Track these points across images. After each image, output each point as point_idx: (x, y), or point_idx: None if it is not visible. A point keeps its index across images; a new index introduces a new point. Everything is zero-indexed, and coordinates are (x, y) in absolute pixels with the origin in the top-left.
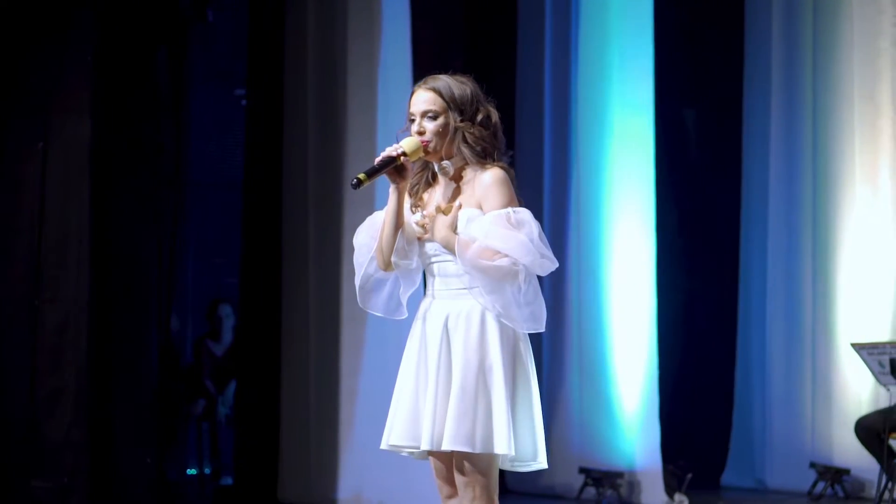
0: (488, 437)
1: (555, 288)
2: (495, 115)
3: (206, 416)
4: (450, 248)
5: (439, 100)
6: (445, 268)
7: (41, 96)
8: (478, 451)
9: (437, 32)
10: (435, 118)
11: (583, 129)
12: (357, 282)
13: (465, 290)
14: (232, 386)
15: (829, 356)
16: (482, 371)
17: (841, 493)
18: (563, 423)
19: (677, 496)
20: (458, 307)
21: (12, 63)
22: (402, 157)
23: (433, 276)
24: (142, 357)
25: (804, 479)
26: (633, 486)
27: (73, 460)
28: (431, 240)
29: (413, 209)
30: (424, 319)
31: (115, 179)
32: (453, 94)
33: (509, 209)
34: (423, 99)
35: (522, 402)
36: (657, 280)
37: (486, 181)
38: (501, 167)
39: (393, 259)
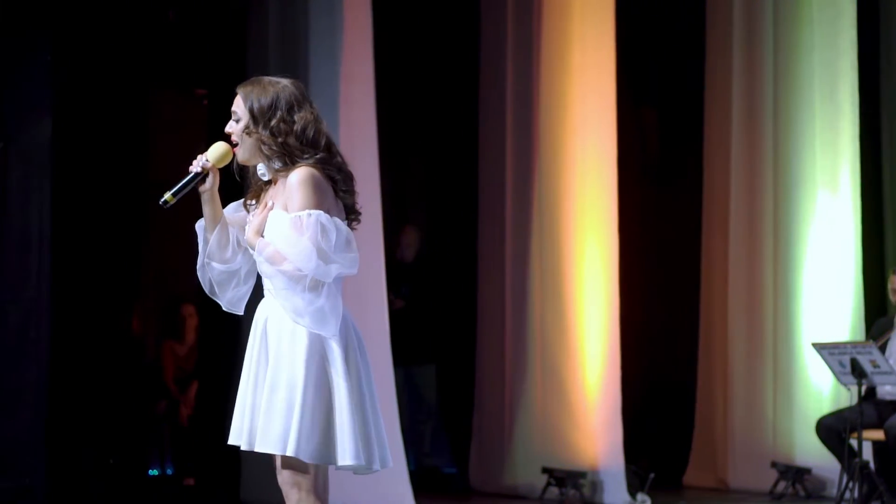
0: (288, 438)
1: (516, 287)
2: (303, 122)
3: (168, 417)
4: (255, 250)
5: (241, 104)
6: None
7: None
8: (289, 453)
9: (398, 26)
10: (238, 121)
11: (545, 125)
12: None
13: (285, 291)
14: (194, 386)
15: (790, 356)
16: (288, 373)
17: (802, 493)
18: (526, 422)
19: (639, 496)
20: (275, 308)
21: None
22: (206, 168)
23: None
24: (104, 357)
25: (766, 479)
26: (596, 485)
27: (34, 461)
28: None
29: (247, 207)
30: (257, 317)
31: (76, 179)
32: (252, 100)
33: (303, 213)
34: (235, 101)
35: (323, 404)
36: (619, 277)
37: (291, 183)
38: (309, 166)
39: (206, 260)
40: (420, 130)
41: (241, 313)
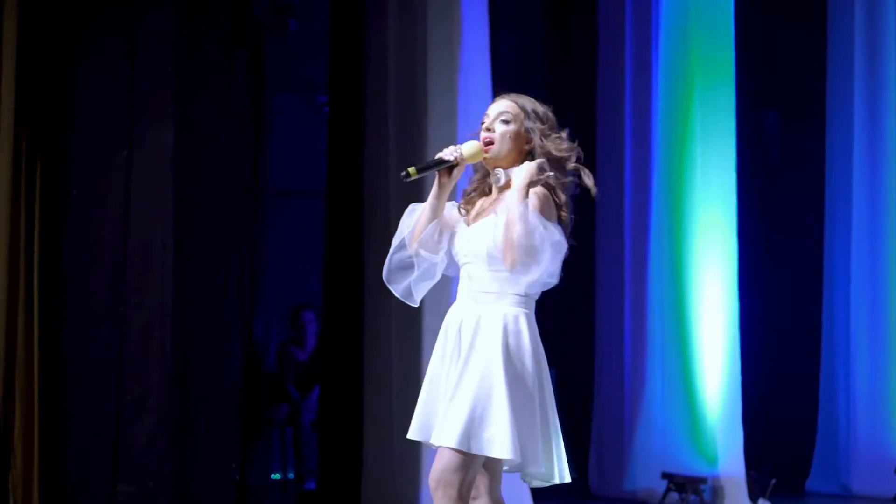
0: (479, 438)
1: (636, 291)
2: (566, 145)
3: (289, 422)
4: (519, 192)
5: (517, 108)
6: (475, 271)
7: (123, 105)
8: (456, 445)
9: (516, 39)
10: (508, 123)
11: (663, 131)
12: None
13: (491, 296)
14: (315, 391)
15: None
16: (487, 376)
17: None
18: (646, 427)
19: (761, 502)
20: (480, 312)
21: (94, 72)
22: (458, 160)
23: (465, 278)
24: (225, 363)
25: (890, 485)
26: (717, 491)
27: (158, 465)
28: (499, 185)
29: (461, 211)
30: (449, 321)
31: (198, 186)
32: (535, 107)
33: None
34: (503, 104)
35: (529, 413)
36: (740, 282)
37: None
38: (545, 184)
39: (415, 247)
40: None
41: (417, 305)
